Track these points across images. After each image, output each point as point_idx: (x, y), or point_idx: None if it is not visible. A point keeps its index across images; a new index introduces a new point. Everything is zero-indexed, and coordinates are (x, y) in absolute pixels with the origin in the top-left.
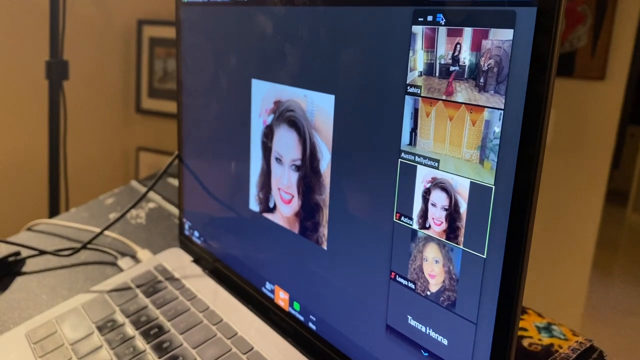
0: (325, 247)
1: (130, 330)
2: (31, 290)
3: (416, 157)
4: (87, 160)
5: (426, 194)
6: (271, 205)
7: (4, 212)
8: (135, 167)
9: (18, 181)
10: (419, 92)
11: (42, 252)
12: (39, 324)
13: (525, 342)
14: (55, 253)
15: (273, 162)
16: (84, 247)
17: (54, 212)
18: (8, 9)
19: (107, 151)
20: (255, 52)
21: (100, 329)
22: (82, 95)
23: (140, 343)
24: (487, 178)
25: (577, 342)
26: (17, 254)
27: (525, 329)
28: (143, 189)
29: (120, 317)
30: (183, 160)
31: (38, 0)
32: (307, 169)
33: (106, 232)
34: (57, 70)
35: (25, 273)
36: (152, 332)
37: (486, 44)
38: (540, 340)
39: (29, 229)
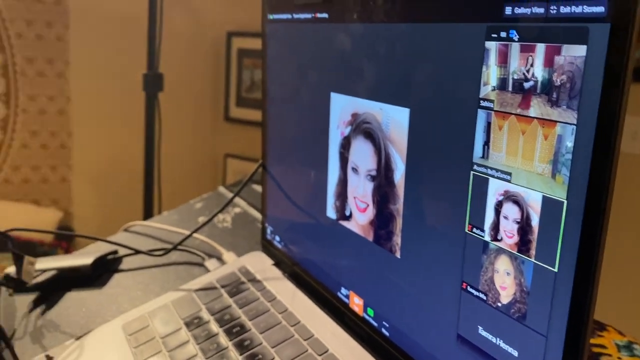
0: (398, 255)
1: (214, 327)
2: (127, 287)
3: (488, 169)
4: (179, 167)
5: (498, 206)
6: (347, 213)
7: (104, 214)
8: (223, 173)
9: (117, 185)
10: (491, 106)
11: (137, 252)
12: (134, 318)
13: None
14: (149, 253)
15: (349, 171)
16: (175, 248)
17: (148, 214)
18: (111, 28)
19: (197, 158)
20: (334, 66)
21: (187, 325)
22: (175, 105)
23: (223, 340)
24: (559, 192)
25: None
26: (115, 252)
27: (604, 347)
28: (230, 195)
29: (205, 315)
30: (266, 168)
31: (137, 19)
32: (382, 179)
33: (195, 235)
34: (153, 83)
35: (122, 270)
36: (235, 330)
37: (559, 59)
38: (619, 358)
39: (125, 230)
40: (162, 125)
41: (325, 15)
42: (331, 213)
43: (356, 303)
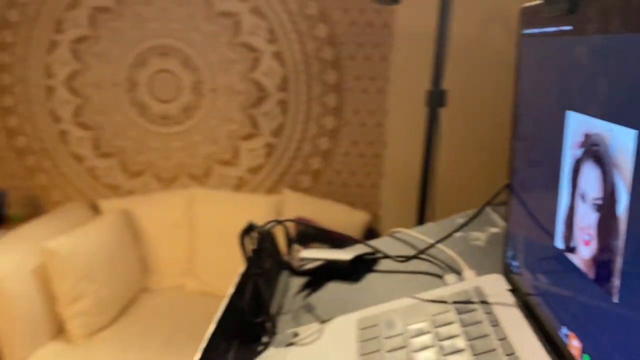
0: (616, 299)
1: (431, 340)
2: (375, 286)
3: None
4: (461, 180)
5: None
6: (572, 244)
7: (404, 218)
8: None
9: (399, 193)
10: None
11: (386, 256)
12: (369, 315)
13: None
14: (393, 258)
15: (578, 199)
16: (415, 257)
17: (421, 222)
18: (428, 47)
19: (481, 173)
20: (572, 82)
21: (409, 332)
22: (458, 120)
23: (435, 355)
24: None
25: None
26: (373, 253)
27: None
28: (493, 214)
29: (427, 326)
30: (512, 188)
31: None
32: (606, 209)
33: (444, 248)
34: (436, 99)
35: (375, 271)
36: (449, 347)
37: None
38: None
39: (390, 235)
40: (445, 138)
41: (569, 27)
42: (559, 243)
43: (574, 346)
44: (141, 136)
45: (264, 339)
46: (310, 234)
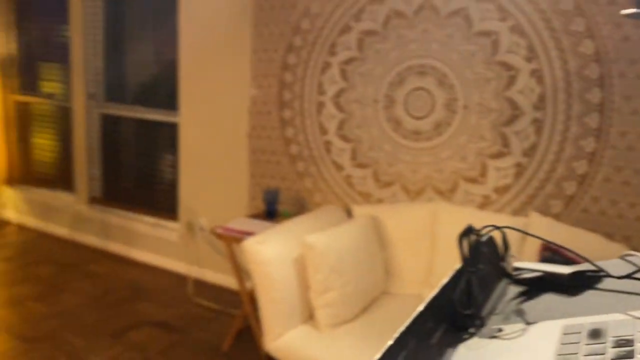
0: None
1: (631, 352)
2: (589, 302)
3: None
4: None
5: None
6: None
7: None
8: None
9: None
10: None
11: (607, 275)
12: (575, 323)
13: None
14: (613, 275)
15: None
16: (630, 275)
17: None
18: None
19: None
20: None
21: (610, 342)
22: None
23: None
24: None
25: None
26: (597, 271)
27: None
28: None
29: (632, 340)
30: None
31: None
32: None
33: None
34: None
35: (596, 288)
36: None
37: None
38: None
39: (621, 258)
40: None
41: None
42: None
43: None
44: (393, 150)
45: (471, 330)
46: (556, 260)
